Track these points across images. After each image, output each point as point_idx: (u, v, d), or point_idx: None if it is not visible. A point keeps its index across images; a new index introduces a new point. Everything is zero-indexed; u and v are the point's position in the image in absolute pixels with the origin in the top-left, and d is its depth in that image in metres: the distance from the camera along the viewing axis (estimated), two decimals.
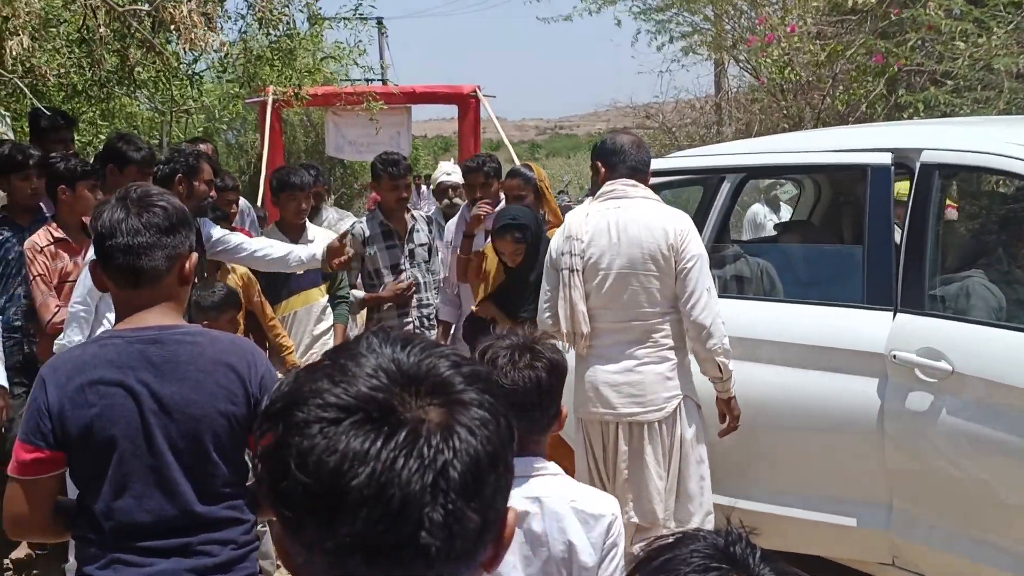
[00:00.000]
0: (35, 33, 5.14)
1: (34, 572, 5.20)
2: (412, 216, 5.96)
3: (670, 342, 4.08)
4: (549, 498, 2.37)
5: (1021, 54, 7.86)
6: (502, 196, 5.88)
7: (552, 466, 2.49)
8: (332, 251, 4.68)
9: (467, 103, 13.18)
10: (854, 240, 5.63)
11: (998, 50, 7.89)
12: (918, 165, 4.06)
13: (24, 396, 4.45)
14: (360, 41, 6.23)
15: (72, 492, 2.51)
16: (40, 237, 4.76)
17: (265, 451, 1.01)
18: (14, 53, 4.88)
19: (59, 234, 4.79)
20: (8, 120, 6.60)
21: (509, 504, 1.07)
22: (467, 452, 0.97)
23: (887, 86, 9.17)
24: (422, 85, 12.88)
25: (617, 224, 4.05)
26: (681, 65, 12.97)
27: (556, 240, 4.26)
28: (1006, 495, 3.69)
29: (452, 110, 13.89)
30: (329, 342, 5.71)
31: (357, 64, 6.30)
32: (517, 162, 13.56)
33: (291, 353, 5.35)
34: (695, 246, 4.02)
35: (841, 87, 9.57)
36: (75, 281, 4.44)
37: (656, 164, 4.63)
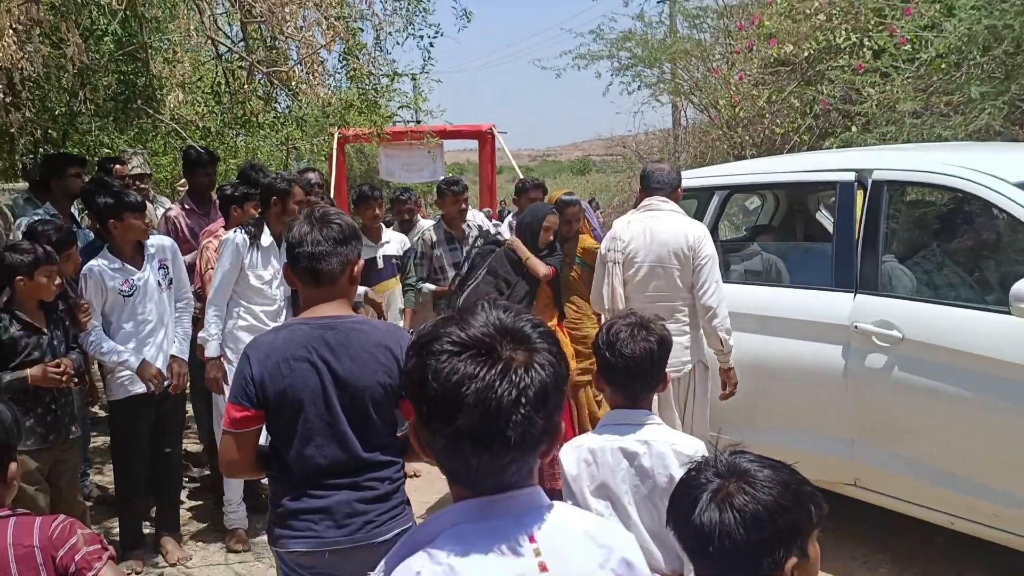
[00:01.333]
0: (186, 88, 5.18)
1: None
2: (469, 225, 5.95)
3: (687, 319, 4.28)
4: (656, 441, 2.45)
5: (917, 97, 7.89)
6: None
7: (656, 417, 2.57)
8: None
9: (485, 138, 13.28)
10: (805, 238, 5.70)
11: (899, 94, 7.93)
12: (870, 182, 4.13)
13: None
14: (422, 92, 6.20)
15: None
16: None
17: (409, 369, 1.23)
18: (171, 105, 4.91)
19: None
20: (146, 155, 6.53)
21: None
22: (538, 381, 1.17)
23: (812, 121, 9.21)
24: (451, 125, 12.89)
25: (651, 229, 4.28)
26: (651, 107, 13.01)
27: (605, 240, 4.48)
28: (941, 429, 3.80)
29: (473, 143, 13.94)
30: (400, 321, 5.74)
31: (420, 110, 6.30)
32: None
33: None
34: (708, 248, 4.22)
35: (777, 122, 9.61)
36: None
37: None
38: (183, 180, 6.55)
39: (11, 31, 3.52)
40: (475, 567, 1.19)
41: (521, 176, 13.69)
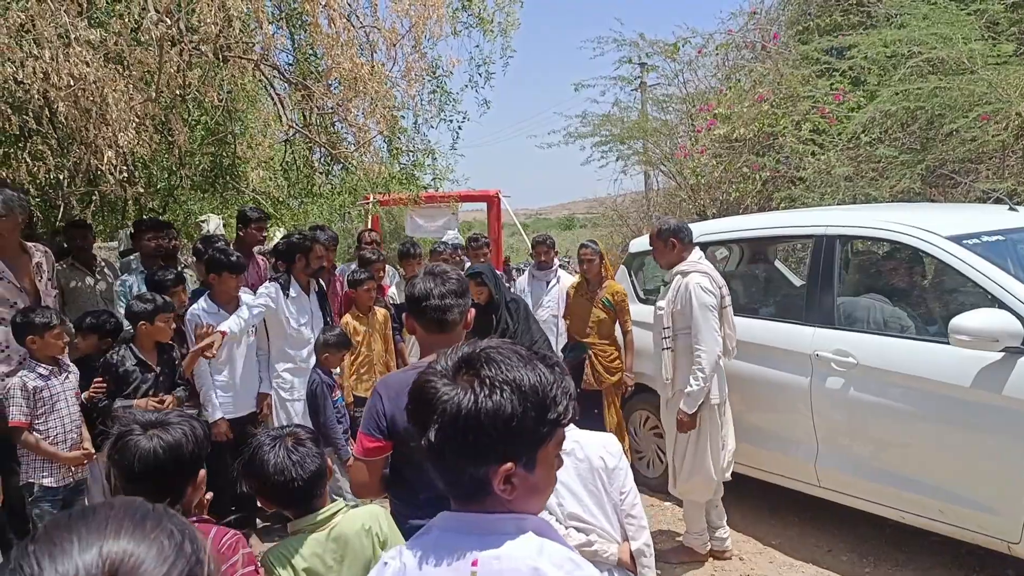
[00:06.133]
0: (263, 166, 5.26)
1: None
2: None
3: None
4: (580, 439, 2.47)
5: (849, 164, 8.04)
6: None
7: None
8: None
9: (493, 201, 13.39)
10: (765, 283, 5.71)
11: (834, 162, 8.08)
12: (826, 237, 4.18)
13: None
14: (450, 164, 6.30)
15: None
16: None
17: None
18: (253, 181, 4.99)
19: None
20: (220, 219, 6.54)
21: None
22: (468, 405, 1.09)
23: (761, 186, 9.36)
24: (464, 190, 13.03)
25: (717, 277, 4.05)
26: (627, 174, 13.17)
27: (707, 290, 3.87)
28: (889, 437, 3.79)
29: (481, 205, 14.08)
30: None
31: (448, 180, 6.40)
32: (526, 238, 13.78)
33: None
34: None
35: (733, 187, 9.74)
36: None
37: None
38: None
39: (132, 123, 3.59)
40: (420, 573, 1.13)
41: (523, 232, 13.90)
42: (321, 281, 4.97)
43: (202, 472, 1.88)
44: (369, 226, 10.98)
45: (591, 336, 5.42)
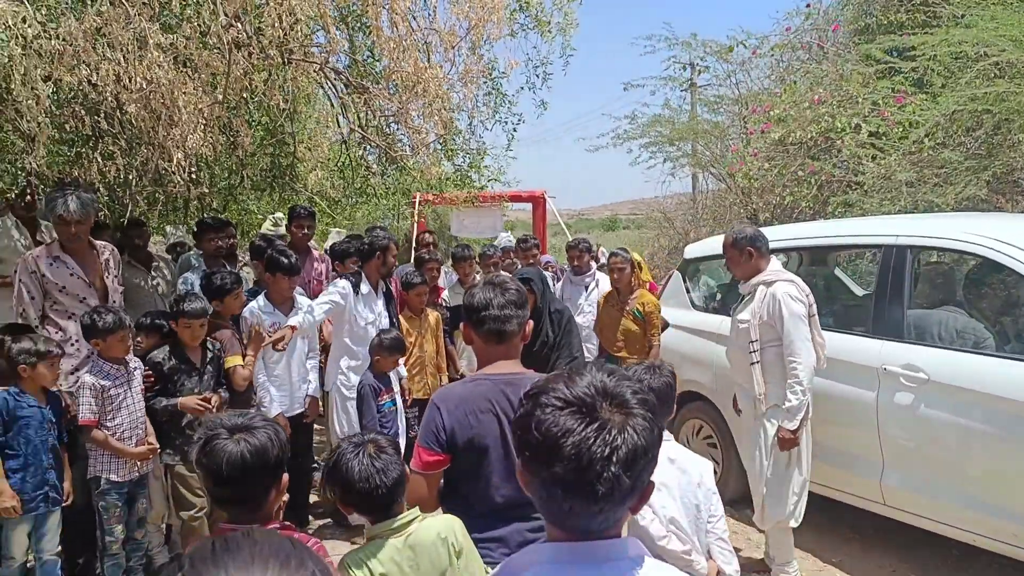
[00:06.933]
0: (321, 166, 5.31)
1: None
2: None
3: None
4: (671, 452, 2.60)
5: (911, 169, 7.80)
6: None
7: (668, 434, 2.63)
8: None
9: (539, 201, 13.36)
10: (825, 292, 5.56)
11: (895, 167, 7.84)
12: (896, 247, 4.04)
13: None
14: (502, 165, 6.27)
15: None
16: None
17: (518, 416, 1.15)
18: (311, 183, 5.04)
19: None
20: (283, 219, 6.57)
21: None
22: (630, 442, 1.06)
23: (816, 190, 9.14)
24: (512, 191, 13.04)
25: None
26: (676, 177, 13.01)
27: (796, 299, 3.71)
28: (961, 456, 3.64)
29: (525, 205, 14.06)
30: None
31: (500, 181, 6.38)
32: (571, 237, 13.73)
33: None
34: None
35: (787, 191, 9.53)
36: None
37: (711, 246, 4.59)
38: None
39: (200, 125, 3.64)
40: None
41: (567, 232, 13.82)
42: (390, 282, 4.99)
43: (285, 476, 1.90)
44: (415, 227, 11.05)
45: (621, 349, 5.26)
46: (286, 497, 1.98)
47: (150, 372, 3.92)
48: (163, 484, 4.05)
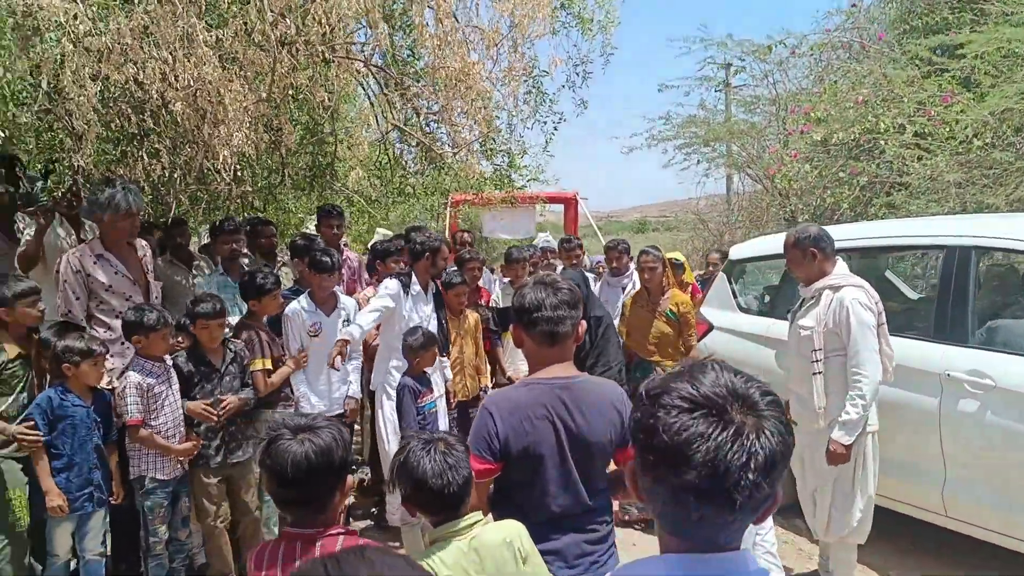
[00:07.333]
0: (361, 165, 5.28)
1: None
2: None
3: None
4: None
5: (959, 170, 7.58)
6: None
7: None
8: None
9: (570, 203, 13.26)
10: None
11: (943, 167, 7.63)
12: (959, 248, 3.88)
13: None
14: (540, 166, 6.17)
15: None
16: None
17: (639, 418, 1.06)
18: (351, 181, 5.00)
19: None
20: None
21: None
22: (768, 448, 0.99)
23: (859, 191, 8.92)
24: (544, 192, 12.96)
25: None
26: (710, 178, 12.85)
27: (866, 307, 3.49)
28: None
29: (558, 207, 13.98)
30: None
31: (538, 180, 6.28)
32: (603, 241, 13.62)
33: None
34: None
35: (828, 192, 9.32)
36: None
37: (763, 246, 4.45)
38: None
39: (246, 123, 3.62)
40: None
41: (599, 236, 13.72)
42: (438, 283, 4.93)
43: (350, 478, 1.84)
44: (447, 228, 11.00)
45: (654, 353, 5.02)
46: (351, 500, 1.92)
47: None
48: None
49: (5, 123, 3.59)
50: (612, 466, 2.30)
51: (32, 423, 3.41)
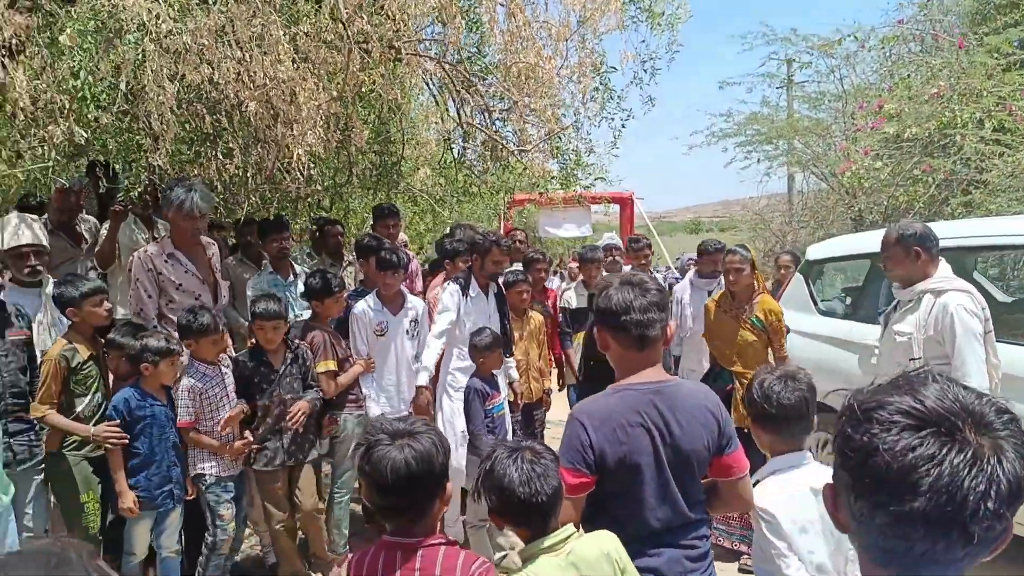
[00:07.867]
0: (427, 164, 5.25)
1: None
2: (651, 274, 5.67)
3: None
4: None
5: None
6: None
7: (810, 455, 2.28)
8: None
9: (626, 202, 13.14)
10: None
11: None
12: None
13: None
14: (604, 166, 6.02)
15: None
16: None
17: (849, 435, 0.94)
18: (420, 181, 4.96)
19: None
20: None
21: None
22: (1011, 475, 0.88)
23: (934, 189, 8.54)
24: (600, 192, 12.83)
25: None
26: (771, 177, 12.51)
27: (972, 313, 3.26)
28: None
29: (615, 207, 13.84)
30: None
31: (604, 179, 6.13)
32: (659, 242, 13.37)
33: None
34: None
35: (900, 190, 8.94)
36: None
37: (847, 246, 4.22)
38: None
39: (319, 122, 3.60)
40: None
41: (655, 233, 13.49)
42: (499, 283, 4.85)
43: (450, 485, 1.76)
44: (501, 227, 10.95)
45: (735, 364, 4.55)
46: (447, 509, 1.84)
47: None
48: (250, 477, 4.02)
49: (87, 124, 3.64)
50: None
51: (116, 423, 3.44)
